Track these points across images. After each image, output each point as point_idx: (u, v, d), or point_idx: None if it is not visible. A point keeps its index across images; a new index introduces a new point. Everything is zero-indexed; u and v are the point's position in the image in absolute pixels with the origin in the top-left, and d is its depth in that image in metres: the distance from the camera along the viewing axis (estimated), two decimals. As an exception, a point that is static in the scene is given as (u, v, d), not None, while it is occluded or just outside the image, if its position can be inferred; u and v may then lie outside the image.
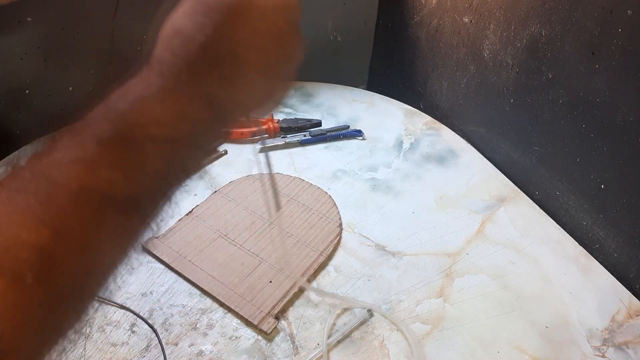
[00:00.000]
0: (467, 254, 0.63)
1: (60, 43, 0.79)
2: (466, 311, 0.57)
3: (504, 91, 0.76)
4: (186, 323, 0.54)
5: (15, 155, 0.76)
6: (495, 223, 0.68)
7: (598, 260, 0.64)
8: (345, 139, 0.84)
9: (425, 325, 0.55)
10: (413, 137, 0.85)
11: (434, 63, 0.93)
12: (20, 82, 0.79)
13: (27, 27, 0.75)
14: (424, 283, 0.60)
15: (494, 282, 0.60)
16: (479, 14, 0.78)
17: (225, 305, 0.56)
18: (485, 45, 0.78)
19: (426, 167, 0.78)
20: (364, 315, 0.55)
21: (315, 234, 0.64)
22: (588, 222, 0.66)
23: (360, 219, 0.68)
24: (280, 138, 0.82)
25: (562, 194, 0.69)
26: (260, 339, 0.53)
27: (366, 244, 0.65)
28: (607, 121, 0.59)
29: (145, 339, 0.52)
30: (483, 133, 0.84)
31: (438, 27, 0.89)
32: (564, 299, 0.59)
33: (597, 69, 0.59)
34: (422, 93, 0.99)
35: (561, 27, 0.63)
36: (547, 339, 0.54)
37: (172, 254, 0.61)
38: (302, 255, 0.61)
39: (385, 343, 0.53)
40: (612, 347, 0.53)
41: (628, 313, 0.57)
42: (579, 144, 0.64)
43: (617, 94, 0.57)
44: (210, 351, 0.51)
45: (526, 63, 0.70)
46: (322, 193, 0.71)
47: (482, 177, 0.77)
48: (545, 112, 0.68)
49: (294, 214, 0.67)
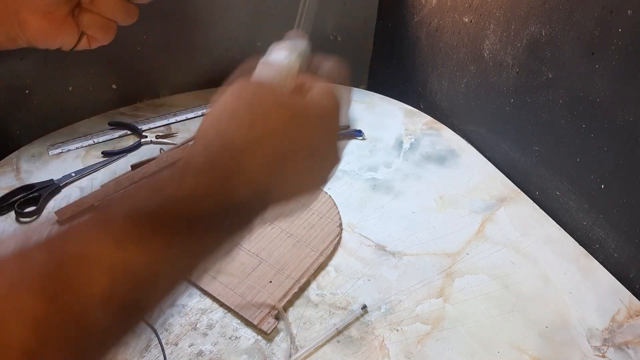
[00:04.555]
0: (467, 254, 0.63)
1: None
2: (466, 311, 0.57)
3: (504, 91, 0.76)
4: (186, 323, 0.54)
5: (16, 155, 0.76)
6: (495, 223, 0.68)
7: (598, 260, 0.64)
8: (344, 139, 0.84)
9: (425, 325, 0.55)
10: (413, 137, 0.85)
11: (434, 63, 0.93)
12: (20, 82, 0.79)
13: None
14: (424, 283, 0.60)
15: (494, 282, 0.60)
16: (479, 14, 0.78)
17: (225, 305, 0.56)
18: (485, 45, 0.78)
19: (426, 167, 0.78)
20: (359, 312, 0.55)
21: (315, 234, 0.64)
22: (588, 222, 0.66)
23: (360, 219, 0.68)
24: (280, 138, 0.82)
25: (562, 194, 0.69)
26: (260, 339, 0.53)
27: (366, 244, 0.65)
28: (607, 121, 0.59)
29: (145, 339, 0.52)
30: (483, 133, 0.84)
31: (438, 27, 0.89)
32: (564, 299, 0.59)
33: (597, 69, 0.59)
34: (422, 93, 0.99)
35: (561, 27, 0.63)
36: (547, 339, 0.54)
37: (172, 254, 0.61)
38: (302, 255, 0.61)
39: (385, 343, 0.53)
40: (612, 347, 0.53)
41: (628, 313, 0.57)
42: (579, 144, 0.64)
43: (617, 94, 0.57)
44: (210, 351, 0.51)
45: (526, 63, 0.70)
46: (322, 193, 0.71)
47: (482, 177, 0.77)
48: (545, 112, 0.68)
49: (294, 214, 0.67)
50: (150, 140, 0.80)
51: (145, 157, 0.75)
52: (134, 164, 0.73)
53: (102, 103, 0.87)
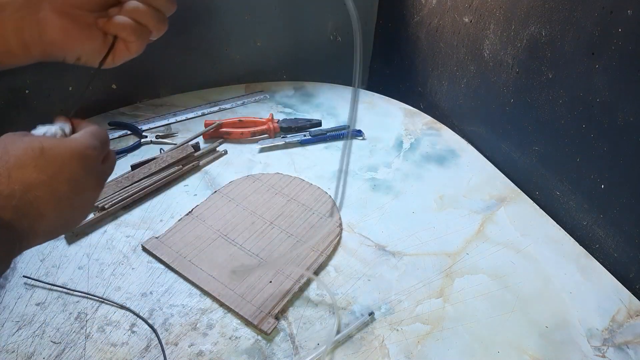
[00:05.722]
0: (467, 254, 0.63)
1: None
2: (466, 311, 0.57)
3: (504, 91, 0.76)
4: (186, 323, 0.54)
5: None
6: (495, 223, 0.68)
7: (598, 260, 0.64)
8: (345, 139, 0.84)
9: (425, 325, 0.55)
10: (413, 137, 0.85)
11: (434, 63, 0.93)
12: (20, 82, 0.79)
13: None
14: (424, 283, 0.60)
15: (494, 282, 0.60)
16: (479, 14, 0.78)
17: (225, 305, 0.56)
18: (485, 45, 0.78)
19: (426, 167, 0.78)
20: (366, 318, 0.55)
21: (315, 234, 0.64)
22: (588, 222, 0.66)
23: (360, 219, 0.68)
24: (280, 138, 0.82)
25: (562, 194, 0.69)
26: (260, 339, 0.53)
27: (366, 244, 0.65)
28: (607, 121, 0.59)
29: (145, 339, 0.52)
30: (483, 133, 0.84)
31: (438, 27, 0.89)
32: (564, 299, 0.59)
33: (597, 69, 0.59)
34: (422, 93, 0.99)
35: (561, 27, 0.63)
36: (547, 339, 0.54)
37: (172, 254, 0.61)
38: (302, 255, 0.61)
39: (385, 343, 0.53)
40: (612, 347, 0.53)
41: (628, 313, 0.57)
42: (579, 144, 0.64)
43: (617, 94, 0.57)
44: (210, 351, 0.51)
45: (526, 63, 0.70)
46: (322, 193, 0.71)
47: (482, 177, 0.77)
48: (545, 112, 0.68)
49: (294, 214, 0.67)
50: (150, 140, 0.80)
51: (145, 157, 0.75)
52: (134, 164, 0.73)
53: (102, 103, 0.87)
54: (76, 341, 0.51)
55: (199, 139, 0.81)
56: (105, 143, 0.40)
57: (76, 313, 0.54)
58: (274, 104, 0.92)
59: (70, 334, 0.52)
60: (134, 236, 0.64)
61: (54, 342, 0.51)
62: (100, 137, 0.39)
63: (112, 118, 0.85)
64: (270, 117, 0.84)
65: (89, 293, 0.56)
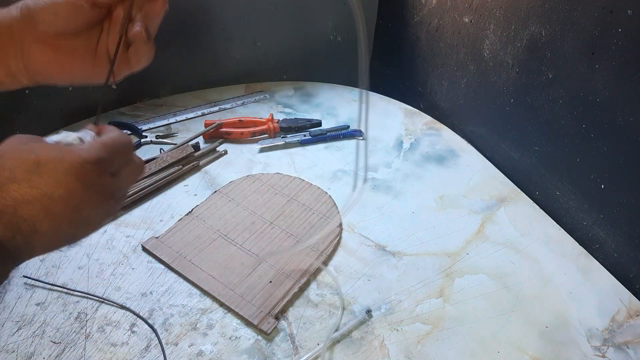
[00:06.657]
0: (467, 254, 0.63)
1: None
2: (466, 311, 0.57)
3: (504, 91, 0.76)
4: (186, 323, 0.54)
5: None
6: (495, 223, 0.68)
7: (598, 260, 0.64)
8: (345, 139, 0.84)
9: (425, 325, 0.55)
10: (413, 137, 0.85)
11: (434, 63, 0.93)
12: (20, 82, 0.79)
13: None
14: (424, 283, 0.60)
15: (493, 282, 0.60)
16: (479, 14, 0.78)
17: (225, 305, 0.56)
18: (485, 45, 0.78)
19: (426, 167, 0.78)
20: (363, 316, 0.55)
21: (315, 234, 0.64)
22: (588, 222, 0.66)
23: (360, 219, 0.68)
24: (280, 138, 0.82)
25: (562, 194, 0.69)
26: (260, 339, 0.53)
27: (366, 244, 0.65)
28: (607, 121, 0.59)
29: (145, 339, 0.52)
30: (483, 133, 0.84)
31: (438, 27, 0.89)
32: (564, 299, 0.59)
33: (597, 69, 0.59)
34: (422, 93, 0.99)
35: (561, 27, 0.63)
36: (547, 339, 0.54)
37: (172, 254, 0.61)
38: (302, 255, 0.61)
39: (385, 343, 0.53)
40: (612, 347, 0.53)
41: (628, 313, 0.57)
42: (579, 144, 0.64)
43: (617, 94, 0.57)
44: (210, 351, 0.51)
45: (526, 63, 0.70)
46: (322, 193, 0.71)
47: (482, 177, 0.77)
48: (545, 112, 0.68)
49: (294, 214, 0.67)
50: (150, 140, 0.80)
51: (145, 157, 0.75)
52: (134, 164, 0.73)
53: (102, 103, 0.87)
54: (76, 341, 0.51)
55: (199, 139, 0.81)
56: (118, 154, 0.36)
57: (76, 313, 0.54)
58: (274, 104, 0.92)
59: (70, 334, 0.52)
60: (134, 236, 0.64)
61: (54, 342, 0.51)
62: (113, 148, 0.36)
63: (112, 118, 0.85)
64: (270, 117, 0.84)
65: (89, 293, 0.56)
